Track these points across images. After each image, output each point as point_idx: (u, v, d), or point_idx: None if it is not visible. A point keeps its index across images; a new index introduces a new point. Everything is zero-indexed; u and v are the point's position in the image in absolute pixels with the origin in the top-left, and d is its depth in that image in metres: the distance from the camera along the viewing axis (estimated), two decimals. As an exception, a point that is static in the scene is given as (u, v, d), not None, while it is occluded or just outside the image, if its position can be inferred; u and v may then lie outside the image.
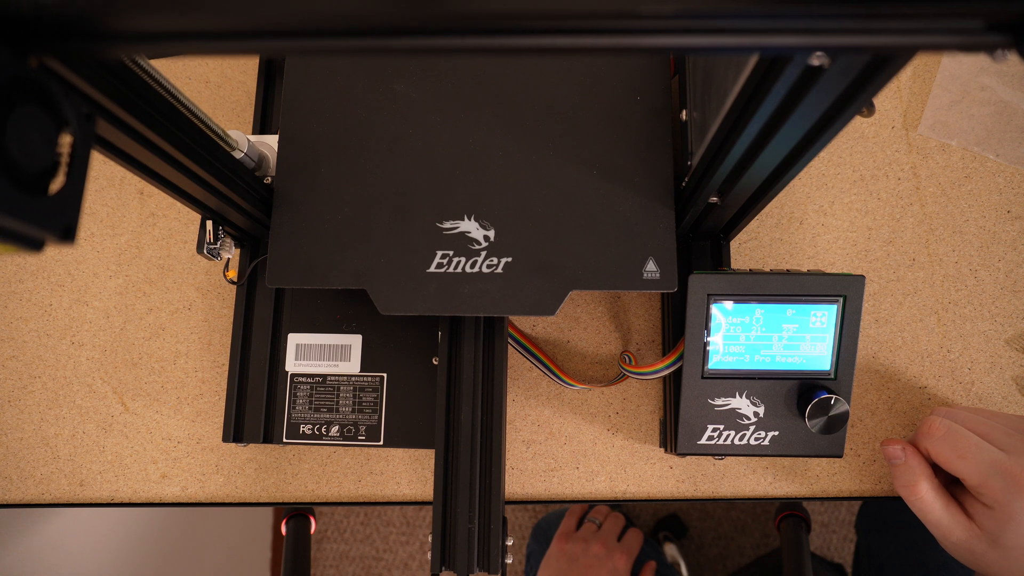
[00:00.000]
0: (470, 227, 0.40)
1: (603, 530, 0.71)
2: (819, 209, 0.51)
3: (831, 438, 0.42)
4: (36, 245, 0.20)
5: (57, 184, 0.20)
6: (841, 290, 0.40)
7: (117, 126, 0.28)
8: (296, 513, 0.61)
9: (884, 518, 0.71)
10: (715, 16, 0.17)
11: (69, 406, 0.50)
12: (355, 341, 0.47)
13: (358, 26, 0.18)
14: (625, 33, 0.18)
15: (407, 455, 0.49)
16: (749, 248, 0.51)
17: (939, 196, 0.51)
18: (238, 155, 0.41)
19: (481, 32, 0.18)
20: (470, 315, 0.43)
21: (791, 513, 0.63)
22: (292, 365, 0.47)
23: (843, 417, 0.40)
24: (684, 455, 0.44)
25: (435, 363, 0.46)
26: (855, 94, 0.24)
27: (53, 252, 0.53)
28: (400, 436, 0.46)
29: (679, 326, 0.46)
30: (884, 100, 0.53)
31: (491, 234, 0.40)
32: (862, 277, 0.40)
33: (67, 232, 0.21)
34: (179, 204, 0.45)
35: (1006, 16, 0.16)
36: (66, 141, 0.21)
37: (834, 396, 0.40)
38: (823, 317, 0.41)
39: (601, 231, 0.40)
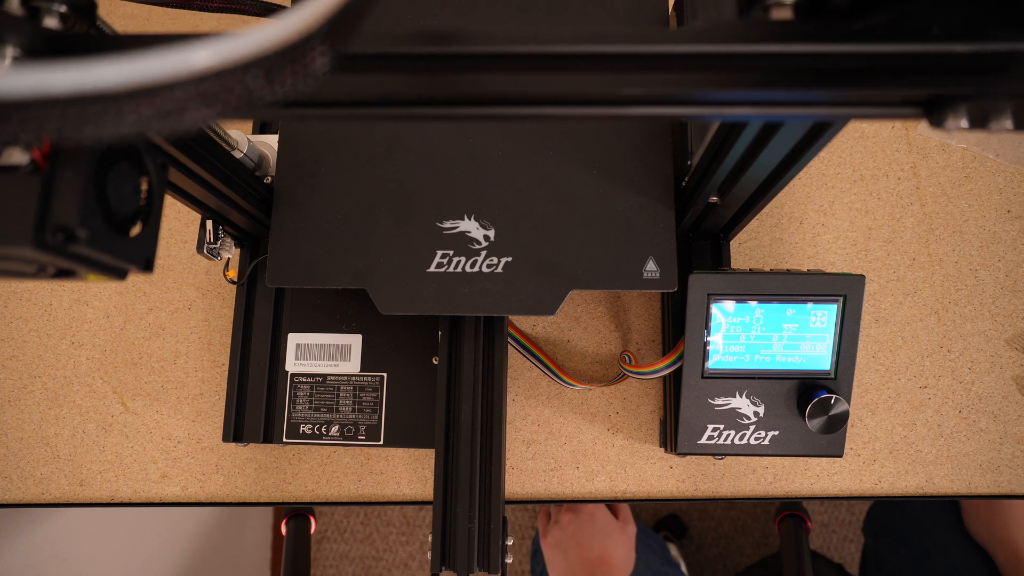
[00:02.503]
0: (470, 227, 0.40)
1: (563, 508, 0.70)
2: (819, 209, 0.51)
3: (831, 438, 0.41)
4: (122, 275, 0.24)
5: (138, 224, 0.24)
6: (841, 290, 0.40)
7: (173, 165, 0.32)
8: (296, 513, 0.61)
9: (894, 523, 0.70)
10: (678, 96, 0.22)
11: (69, 406, 0.50)
12: (355, 341, 0.47)
13: (401, 99, 0.22)
14: (610, 105, 0.22)
15: (407, 455, 0.49)
16: (749, 248, 0.51)
17: (939, 196, 0.51)
18: (238, 155, 0.41)
19: (497, 104, 0.22)
20: (470, 315, 0.43)
21: (791, 513, 0.63)
22: (292, 365, 0.47)
23: (843, 417, 0.40)
24: (684, 455, 0.44)
25: (435, 363, 0.46)
26: (818, 134, 0.29)
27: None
28: (400, 436, 0.46)
29: (679, 326, 0.46)
30: (884, 100, 0.53)
31: (491, 234, 0.40)
32: (862, 277, 0.40)
33: (148, 263, 0.25)
34: (179, 204, 0.45)
35: (916, 96, 0.21)
36: (143, 188, 0.25)
37: (834, 396, 0.40)
38: (823, 317, 0.41)
39: (601, 231, 0.40)
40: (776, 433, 0.42)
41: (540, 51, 0.21)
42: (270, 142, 0.45)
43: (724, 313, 0.41)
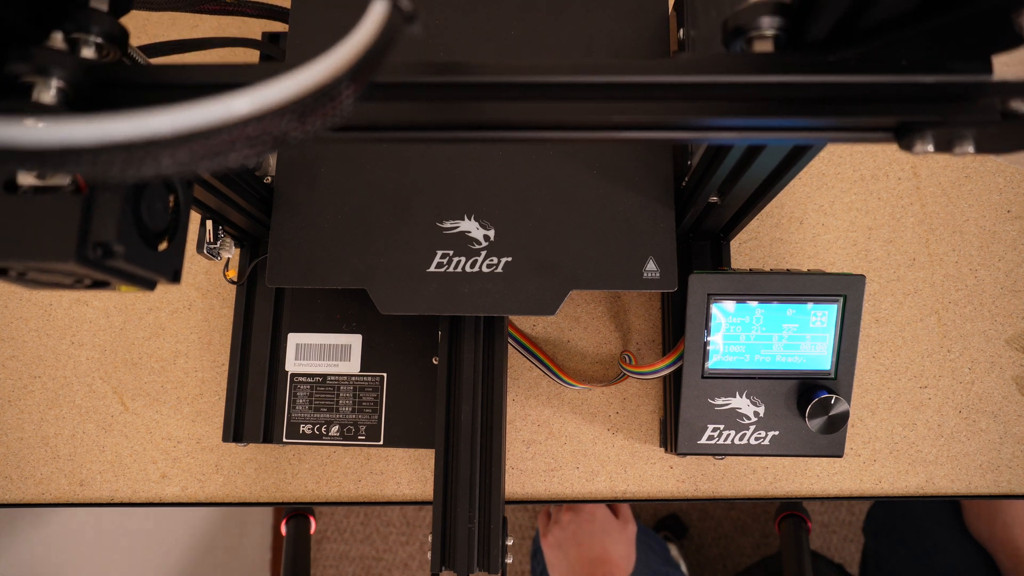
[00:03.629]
0: (470, 227, 0.40)
1: (563, 508, 0.70)
2: (819, 209, 0.51)
3: (831, 438, 0.41)
4: (151, 286, 0.26)
5: (166, 239, 0.26)
6: (841, 290, 0.40)
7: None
8: (296, 513, 0.62)
9: (894, 523, 0.70)
10: (667, 122, 0.24)
11: (69, 406, 0.50)
12: (355, 341, 0.47)
13: (412, 125, 0.24)
14: (605, 130, 0.24)
15: (407, 455, 0.49)
16: (749, 248, 0.51)
17: (939, 196, 0.51)
18: (238, 155, 0.41)
19: (502, 129, 0.24)
20: (470, 315, 0.43)
21: (791, 513, 0.63)
22: (292, 365, 0.47)
23: (843, 417, 0.40)
24: (684, 455, 0.44)
25: (435, 363, 0.46)
26: (799, 154, 0.30)
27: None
28: (400, 436, 0.46)
29: (679, 326, 0.46)
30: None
31: (491, 234, 0.40)
32: (862, 277, 0.40)
33: (176, 275, 0.26)
34: (179, 204, 0.45)
35: (887, 123, 0.23)
36: (171, 204, 0.27)
37: (834, 396, 0.40)
38: (823, 317, 0.41)
39: (601, 231, 0.40)
40: (776, 433, 0.42)
41: (541, 81, 0.23)
42: (270, 142, 0.45)
43: (724, 313, 0.41)
